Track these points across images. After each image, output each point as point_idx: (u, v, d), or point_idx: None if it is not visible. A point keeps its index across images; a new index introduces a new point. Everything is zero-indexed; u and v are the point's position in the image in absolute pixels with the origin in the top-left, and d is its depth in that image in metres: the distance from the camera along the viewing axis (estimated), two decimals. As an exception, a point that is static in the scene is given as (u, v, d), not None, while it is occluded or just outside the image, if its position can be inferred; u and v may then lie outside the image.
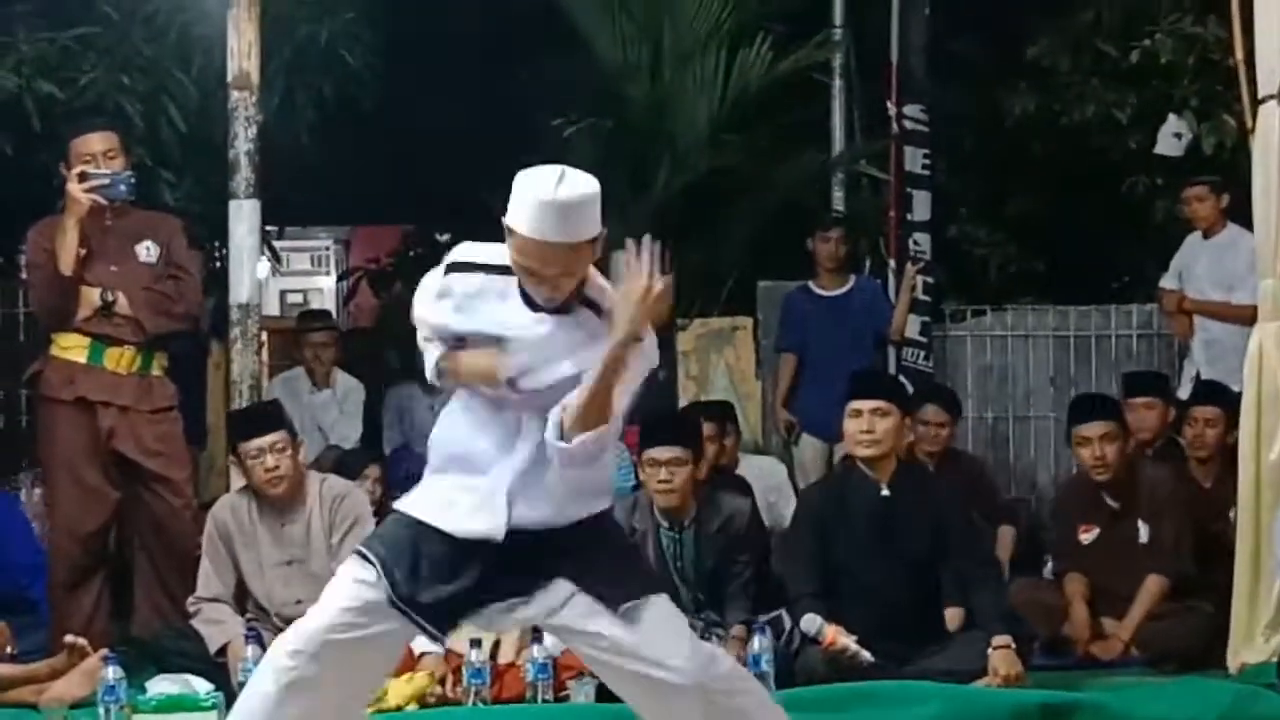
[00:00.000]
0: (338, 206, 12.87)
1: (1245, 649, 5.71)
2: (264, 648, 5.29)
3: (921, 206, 8.91)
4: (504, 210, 3.56)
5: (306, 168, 9.38)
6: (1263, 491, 5.72)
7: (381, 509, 6.61)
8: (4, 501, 6.87)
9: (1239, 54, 5.96)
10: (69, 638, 5.58)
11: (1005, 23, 9.45)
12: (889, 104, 8.97)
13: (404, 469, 7.27)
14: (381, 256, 11.87)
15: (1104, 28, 9.42)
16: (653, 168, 9.46)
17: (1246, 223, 6.47)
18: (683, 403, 8.36)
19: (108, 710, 4.94)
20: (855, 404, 5.79)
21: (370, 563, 3.52)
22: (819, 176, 9.73)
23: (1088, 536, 6.47)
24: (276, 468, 5.62)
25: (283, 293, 16.69)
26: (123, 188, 6.03)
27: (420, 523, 3.56)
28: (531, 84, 9.69)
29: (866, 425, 5.72)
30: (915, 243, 8.85)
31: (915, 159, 8.89)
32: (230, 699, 5.11)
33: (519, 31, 9.74)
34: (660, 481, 5.85)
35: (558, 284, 3.47)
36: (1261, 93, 5.81)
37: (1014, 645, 5.42)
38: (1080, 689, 5.34)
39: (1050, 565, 6.82)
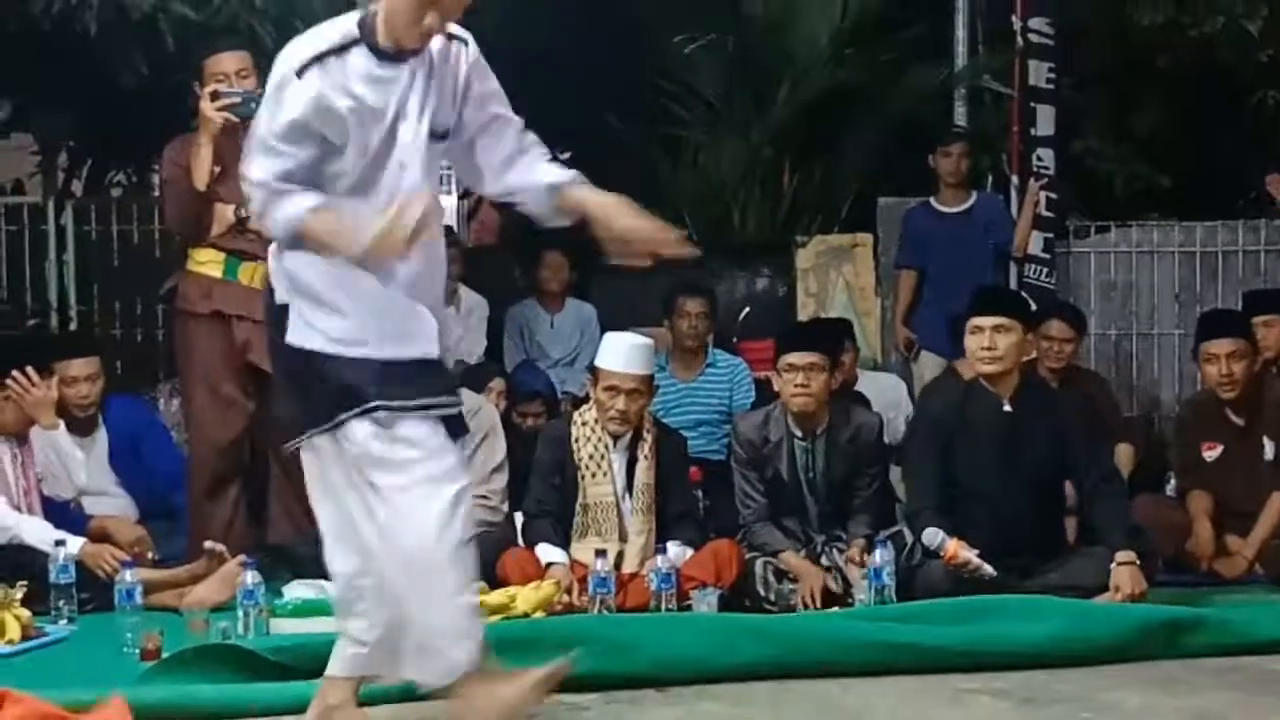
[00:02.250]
0: (459, 124, 12.91)
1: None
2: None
3: (1045, 121, 8.77)
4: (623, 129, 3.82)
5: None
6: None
7: (507, 420, 6.72)
8: (144, 411, 7.00)
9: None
10: (208, 544, 5.75)
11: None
12: (1013, 17, 8.82)
13: (527, 383, 7.35)
14: (502, 174, 11.88)
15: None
16: (774, 85, 9.39)
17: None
18: (802, 319, 8.34)
19: (246, 614, 5.08)
20: (977, 320, 5.76)
21: None
22: (941, 91, 9.58)
23: (1212, 454, 6.42)
24: None
25: (407, 210, 16.76)
26: (254, 105, 5.99)
27: None
28: (655, 2, 9.65)
29: (988, 341, 5.68)
30: (1039, 158, 8.73)
31: (1040, 73, 8.75)
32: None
33: (641, -49, 9.68)
34: (798, 385, 5.86)
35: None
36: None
37: (1137, 561, 5.40)
38: (1204, 606, 5.31)
39: (1173, 483, 6.77)
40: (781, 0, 9.52)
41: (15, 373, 5.82)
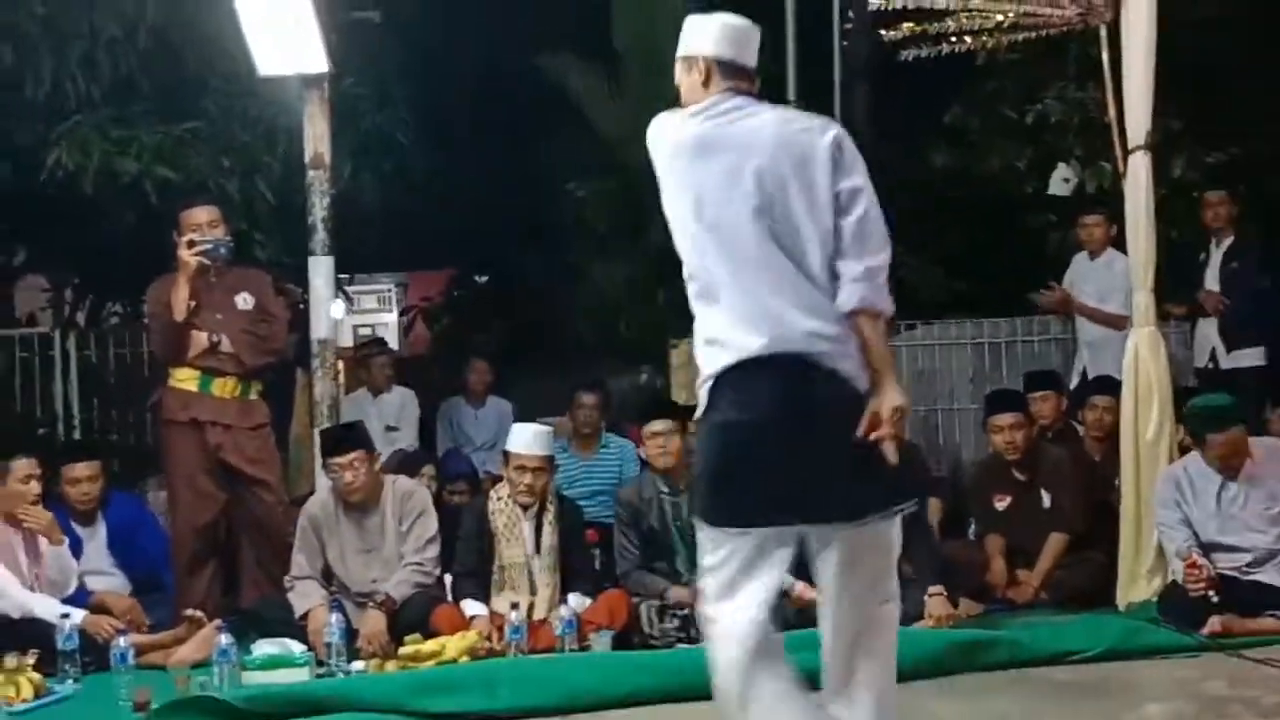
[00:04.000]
0: (397, 256, 12.92)
1: (1131, 590, 5.73)
2: (345, 615, 5.34)
3: (864, 243, 8.88)
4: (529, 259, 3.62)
5: (373, 226, 9.43)
6: (1141, 464, 5.73)
7: (438, 498, 6.63)
8: (135, 503, 6.85)
9: (1111, 113, 5.96)
10: (189, 611, 5.61)
11: (927, 93, 9.45)
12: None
13: (454, 467, 7.28)
14: (433, 296, 11.88)
15: (1005, 94, 9.42)
16: (647, 220, 9.47)
17: (1120, 247, 6.49)
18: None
19: (221, 669, 4.92)
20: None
21: None
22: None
23: (1002, 504, 6.46)
24: (353, 481, 5.61)
25: (355, 328, 16.68)
26: (223, 251, 6.06)
27: None
28: (548, 156, 9.73)
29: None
30: (859, 271, 8.81)
31: (858, 205, 8.86)
32: (317, 659, 5.16)
33: (536, 113, 9.78)
34: (659, 447, 5.86)
35: None
36: (1130, 144, 5.81)
37: (945, 593, 5.42)
38: (999, 627, 5.33)
39: (973, 528, 6.80)
40: (651, 152, 9.64)
41: (25, 506, 5.63)
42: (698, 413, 3.19)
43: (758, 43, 3.35)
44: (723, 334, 3.11)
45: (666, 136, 3.23)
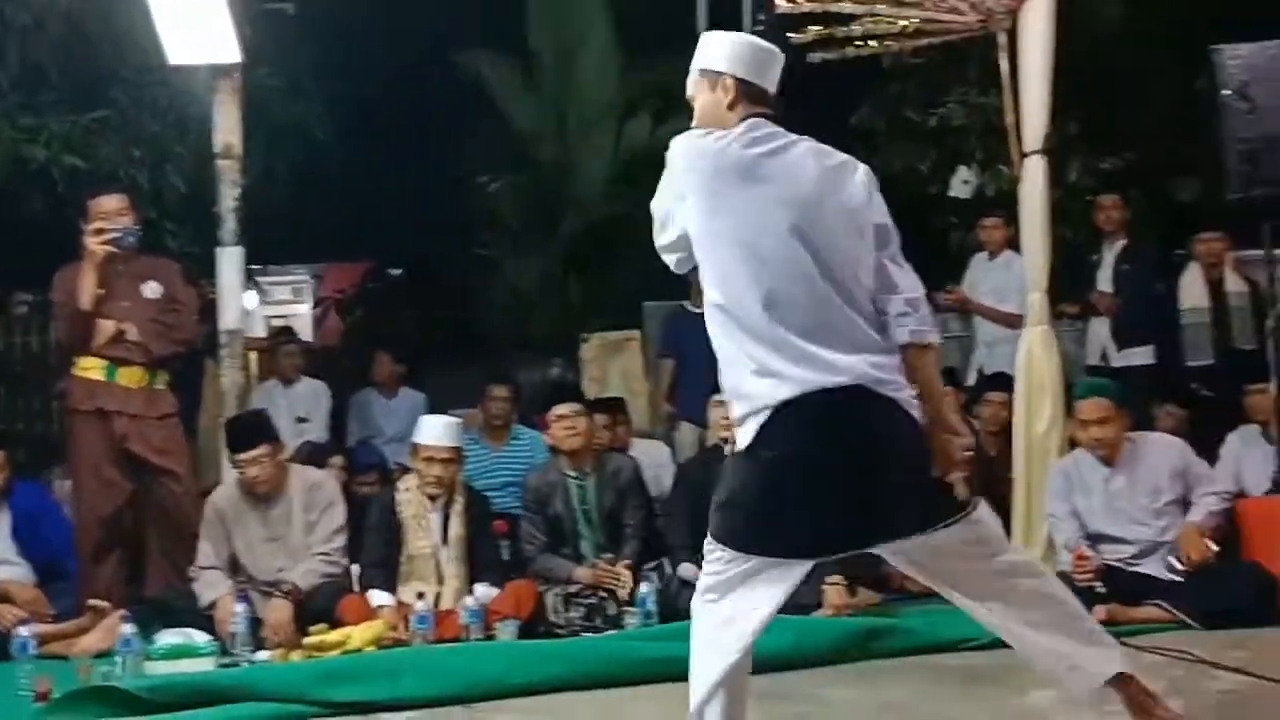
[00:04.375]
0: (312, 248, 12.80)
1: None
2: (251, 605, 5.30)
3: (773, 241, 8.95)
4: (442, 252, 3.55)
5: (286, 218, 9.34)
6: (1032, 458, 5.86)
7: (348, 489, 6.59)
8: (39, 492, 6.70)
9: (1010, 119, 6.07)
10: (93, 601, 5.55)
11: (834, 95, 9.56)
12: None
13: (364, 459, 7.25)
14: (346, 288, 11.78)
15: (909, 98, 9.56)
16: (560, 215, 9.52)
17: (1017, 249, 6.61)
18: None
19: (124, 659, 4.87)
20: (718, 397, 5.84)
21: None
22: (692, 219, 9.78)
23: (899, 496, 6.53)
24: (258, 475, 5.56)
25: (268, 318, 16.47)
26: (130, 239, 5.97)
27: None
28: (464, 150, 9.71)
29: (724, 413, 5.76)
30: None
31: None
32: (221, 649, 5.11)
33: (452, 107, 9.75)
34: (567, 428, 5.88)
35: None
36: (1027, 149, 5.94)
37: (843, 582, 5.49)
38: (895, 616, 5.42)
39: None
40: (565, 148, 9.66)
41: None
42: (739, 443, 3.08)
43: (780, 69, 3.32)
44: (772, 367, 3.01)
45: (706, 156, 3.09)
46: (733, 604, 3.13)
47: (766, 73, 3.28)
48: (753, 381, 3.04)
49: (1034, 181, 5.93)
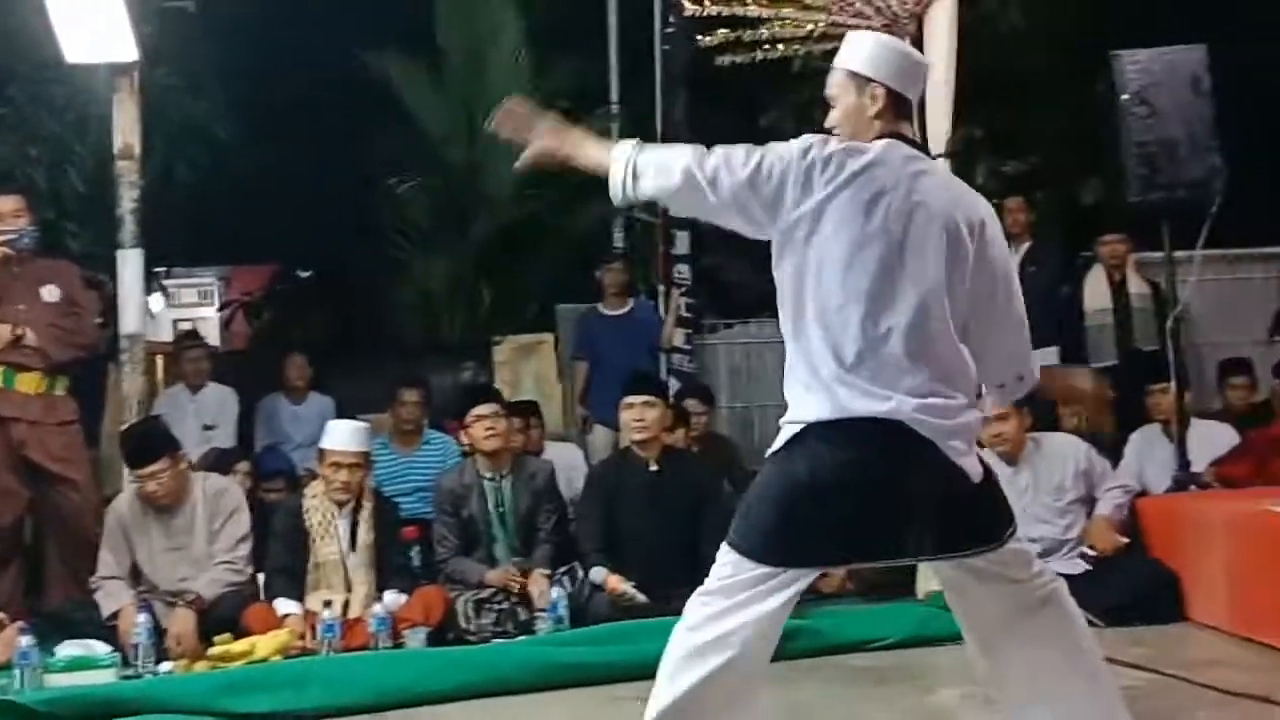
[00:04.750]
0: (218, 250, 12.59)
1: (930, 580, 5.84)
2: (154, 616, 5.17)
3: (683, 243, 8.94)
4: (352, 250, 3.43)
5: (190, 219, 9.17)
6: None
7: (254, 495, 6.47)
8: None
9: (915, 122, 6.10)
10: (-11, 613, 5.38)
11: (744, 98, 9.59)
12: (655, 165, 8.97)
13: (271, 465, 7.12)
14: (254, 290, 11.60)
15: (819, 102, 9.59)
16: (470, 218, 9.44)
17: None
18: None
19: (22, 672, 4.74)
20: (628, 399, 5.84)
21: None
22: (603, 222, 9.76)
23: (812, 497, 6.55)
24: (158, 489, 5.41)
25: (175, 321, 16.16)
26: (27, 240, 5.82)
27: None
28: (372, 151, 9.60)
29: (639, 415, 5.77)
30: (679, 272, 8.88)
31: (677, 206, 8.92)
32: (123, 660, 4.98)
33: (360, 109, 9.64)
34: (487, 429, 5.82)
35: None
36: (931, 153, 5.94)
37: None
38: (806, 617, 5.41)
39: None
40: (475, 150, 9.57)
41: None
42: (782, 442, 2.96)
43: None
44: (843, 383, 2.90)
45: (838, 164, 2.95)
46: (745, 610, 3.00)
47: (915, 85, 3.17)
48: (814, 392, 2.93)
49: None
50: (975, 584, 3.09)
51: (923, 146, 3.16)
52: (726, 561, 3.04)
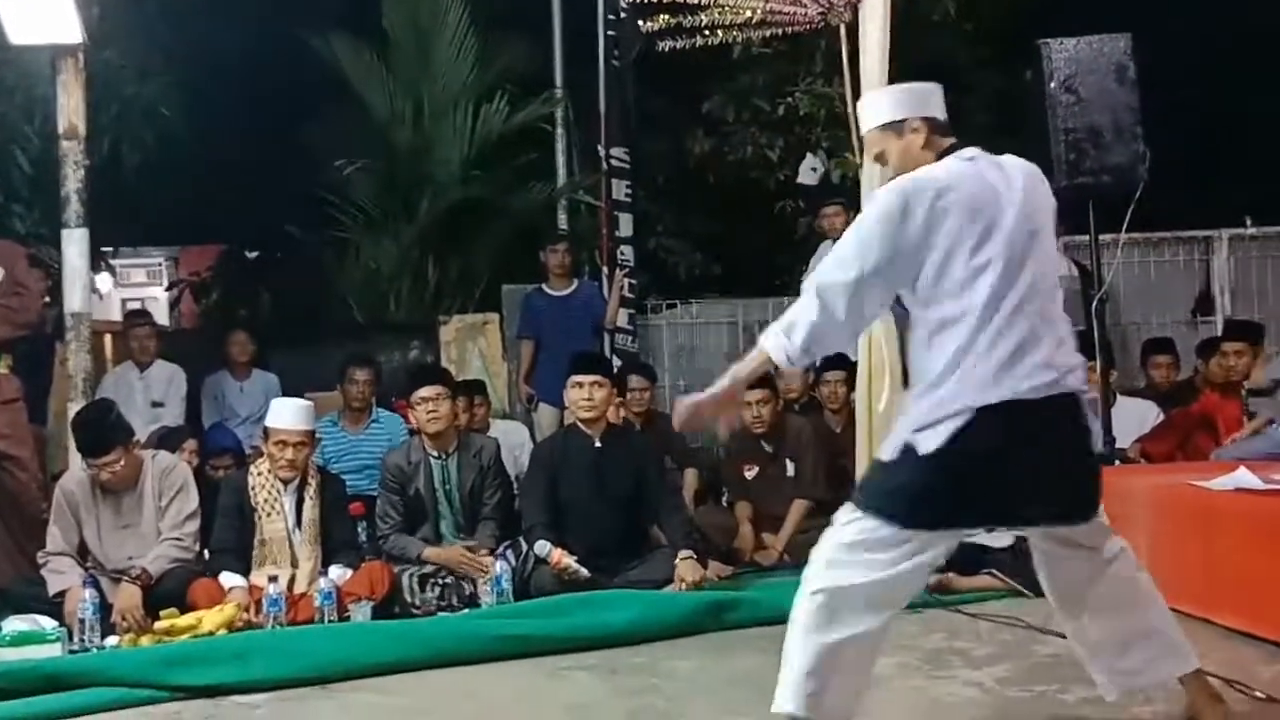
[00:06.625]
0: (165, 230, 12.39)
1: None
2: (100, 592, 5.10)
3: (626, 225, 8.93)
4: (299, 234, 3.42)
5: (137, 199, 9.02)
6: (874, 435, 5.91)
7: (201, 472, 6.39)
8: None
9: (851, 108, 6.12)
10: (-66, 590, 5.29)
11: (686, 84, 9.57)
12: (599, 147, 8.97)
13: (217, 440, 7.04)
14: (202, 271, 11.43)
15: (758, 87, 9.61)
16: (417, 199, 9.35)
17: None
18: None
19: (-32, 647, 4.67)
20: (576, 378, 5.84)
21: None
22: (547, 203, 9.72)
23: (750, 473, 6.62)
24: (111, 478, 5.34)
25: (123, 301, 15.88)
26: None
27: None
28: (319, 132, 9.48)
29: (586, 394, 5.76)
30: (622, 253, 8.87)
31: (620, 189, 8.90)
32: (70, 634, 4.91)
33: (306, 89, 9.50)
34: (429, 412, 5.79)
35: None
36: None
37: (695, 557, 5.51)
38: (746, 589, 5.46)
39: (725, 496, 6.94)
40: (421, 132, 9.49)
41: None
42: (937, 439, 3.04)
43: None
44: (1002, 364, 3.03)
45: (947, 187, 3.09)
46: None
47: (938, 104, 3.36)
48: (973, 382, 3.03)
49: (874, 170, 5.98)
50: (1061, 551, 3.32)
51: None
52: (855, 525, 3.15)
